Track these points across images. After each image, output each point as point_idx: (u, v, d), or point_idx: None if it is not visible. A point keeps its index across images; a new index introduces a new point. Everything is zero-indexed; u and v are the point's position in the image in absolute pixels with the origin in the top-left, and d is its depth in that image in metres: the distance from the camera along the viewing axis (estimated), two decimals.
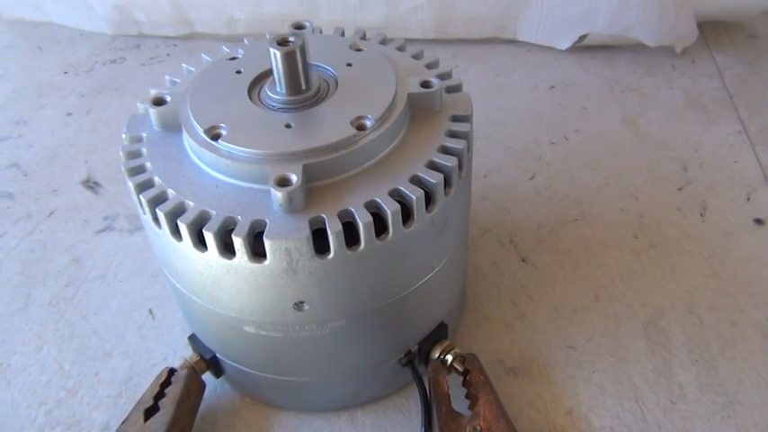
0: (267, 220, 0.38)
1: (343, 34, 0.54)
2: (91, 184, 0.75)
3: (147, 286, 0.63)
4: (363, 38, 0.52)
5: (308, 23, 0.51)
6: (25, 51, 1.01)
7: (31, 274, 0.65)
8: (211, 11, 0.95)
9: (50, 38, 1.04)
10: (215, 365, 0.52)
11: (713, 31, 0.94)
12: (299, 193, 0.38)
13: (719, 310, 0.58)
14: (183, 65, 0.51)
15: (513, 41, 0.94)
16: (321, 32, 0.54)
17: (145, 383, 0.53)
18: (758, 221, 0.65)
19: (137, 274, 0.64)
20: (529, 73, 0.89)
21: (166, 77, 0.50)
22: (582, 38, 0.89)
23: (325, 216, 0.38)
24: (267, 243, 0.38)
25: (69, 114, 0.87)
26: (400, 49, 0.51)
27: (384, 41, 0.52)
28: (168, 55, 0.98)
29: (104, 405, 0.54)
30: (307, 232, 0.37)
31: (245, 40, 0.52)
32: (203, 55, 0.52)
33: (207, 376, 0.52)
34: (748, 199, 0.68)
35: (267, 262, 0.39)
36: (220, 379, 0.53)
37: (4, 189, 0.75)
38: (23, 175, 0.77)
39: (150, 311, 0.60)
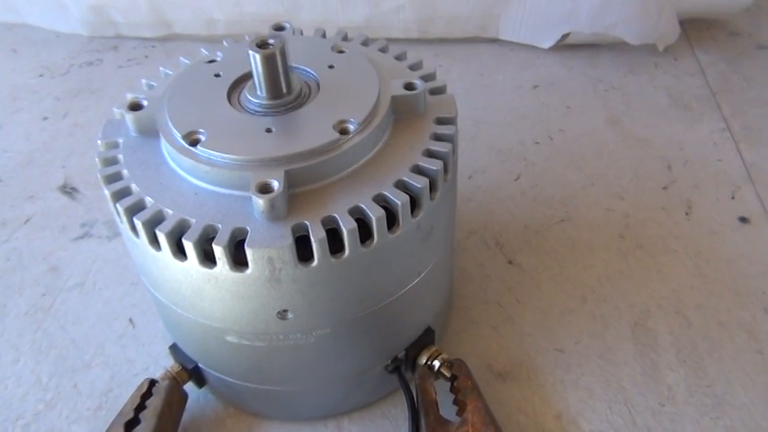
0: (248, 228, 0.37)
1: (324, 35, 0.53)
2: (68, 190, 0.73)
3: (127, 294, 0.61)
4: (345, 39, 0.52)
5: (287, 25, 0.50)
6: None
7: (6, 284, 0.63)
8: (190, 11, 0.93)
9: (25, 39, 1.02)
10: (197, 375, 0.50)
11: (695, 28, 0.94)
12: (281, 200, 0.37)
13: (706, 310, 0.57)
14: (161, 68, 0.49)
15: (495, 40, 0.93)
16: (302, 34, 0.53)
17: (126, 394, 0.52)
18: (743, 220, 0.65)
19: (116, 282, 0.62)
20: (512, 72, 0.88)
21: (143, 81, 0.48)
22: (564, 36, 0.89)
23: (308, 223, 0.37)
24: (249, 252, 0.37)
25: (45, 118, 0.85)
26: (383, 50, 0.50)
27: (366, 42, 0.51)
28: (146, 57, 0.96)
29: (84, 418, 0.52)
30: (289, 240, 0.36)
31: (225, 42, 0.51)
32: (181, 58, 0.50)
33: (189, 386, 0.50)
34: (733, 197, 0.68)
35: (249, 271, 0.38)
36: (203, 389, 0.52)
37: None
38: None
39: (130, 320, 0.59)
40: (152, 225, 0.38)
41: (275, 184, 0.37)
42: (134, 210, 0.39)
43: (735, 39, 0.93)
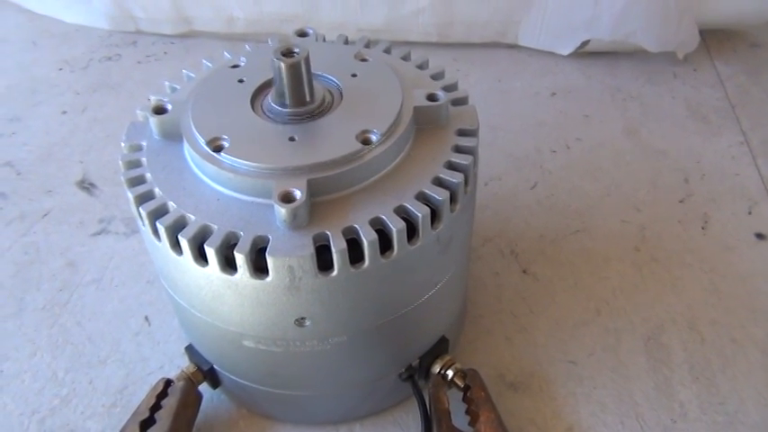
0: (270, 236, 0.37)
1: (346, 41, 0.53)
2: (86, 185, 0.74)
3: (144, 292, 0.62)
4: (368, 46, 0.52)
5: (311, 30, 0.50)
6: (20, 46, 1.00)
7: (24, 278, 0.64)
8: (210, 9, 0.94)
9: (45, 32, 1.02)
10: (212, 377, 0.51)
11: (715, 39, 0.94)
12: (303, 209, 0.37)
13: (720, 326, 0.57)
14: (184, 71, 0.50)
15: (514, 46, 0.93)
16: (324, 39, 0.53)
17: (140, 392, 0.52)
18: (759, 236, 0.65)
19: (133, 280, 0.63)
20: (530, 79, 0.88)
21: (166, 83, 0.49)
22: (584, 44, 0.89)
23: (329, 233, 0.37)
24: (270, 260, 0.37)
25: (64, 112, 0.85)
26: (405, 58, 0.51)
27: (389, 50, 0.51)
28: (165, 53, 0.97)
29: (98, 414, 0.53)
30: (310, 249, 0.37)
31: (247, 46, 0.51)
32: (204, 61, 0.51)
33: (203, 387, 0.51)
34: (750, 212, 0.68)
35: (269, 278, 0.38)
36: (217, 390, 0.53)
37: None
38: (17, 174, 0.76)
39: (146, 318, 0.60)
40: (174, 230, 0.38)
41: (298, 194, 0.37)
42: (157, 214, 0.39)
43: (755, 51, 0.93)
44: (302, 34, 0.50)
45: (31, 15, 1.05)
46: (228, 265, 0.38)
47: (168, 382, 0.49)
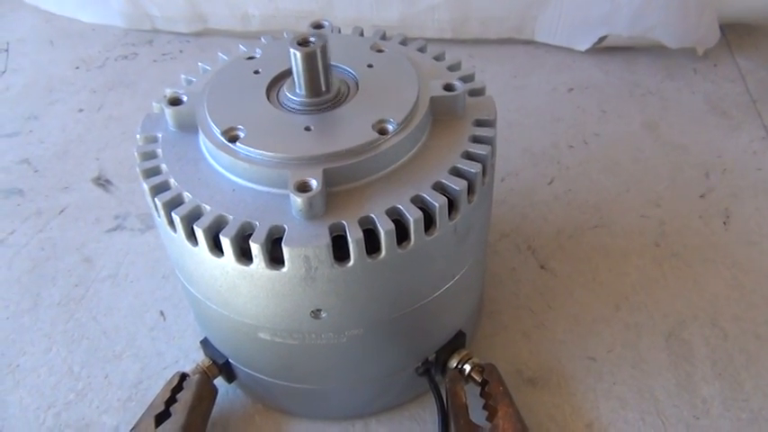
0: (286, 226, 0.37)
1: (362, 34, 0.52)
2: (102, 182, 0.74)
3: (159, 287, 0.62)
4: (383, 38, 0.51)
5: (326, 23, 0.50)
6: (37, 45, 1.00)
7: (40, 273, 0.64)
8: (226, 7, 0.94)
9: (62, 32, 1.03)
10: (227, 371, 0.51)
11: (736, 34, 0.92)
12: (318, 199, 0.37)
13: (744, 322, 0.56)
14: (200, 63, 0.50)
15: (530, 42, 0.92)
16: (340, 32, 0.53)
17: (155, 387, 0.52)
18: None
19: (148, 275, 0.63)
20: (547, 74, 0.87)
21: (182, 76, 0.49)
22: (602, 39, 0.88)
23: (345, 223, 0.37)
24: (286, 250, 0.36)
25: (81, 110, 0.86)
26: (421, 50, 0.50)
27: (404, 42, 0.51)
28: (181, 51, 0.97)
29: (114, 408, 0.53)
30: (326, 239, 0.36)
31: (263, 39, 0.51)
32: (220, 54, 0.50)
33: (219, 381, 0.51)
34: None
35: (285, 269, 0.37)
36: (232, 384, 0.53)
37: (14, 185, 0.74)
38: (34, 171, 0.76)
39: (161, 313, 0.59)
40: (190, 220, 0.38)
41: (313, 183, 0.37)
42: (172, 204, 0.39)
43: None
44: (318, 26, 0.50)
45: (48, 15, 1.06)
46: (244, 255, 0.38)
47: (183, 376, 0.49)
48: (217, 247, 0.38)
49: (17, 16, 1.07)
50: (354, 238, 0.36)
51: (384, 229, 0.37)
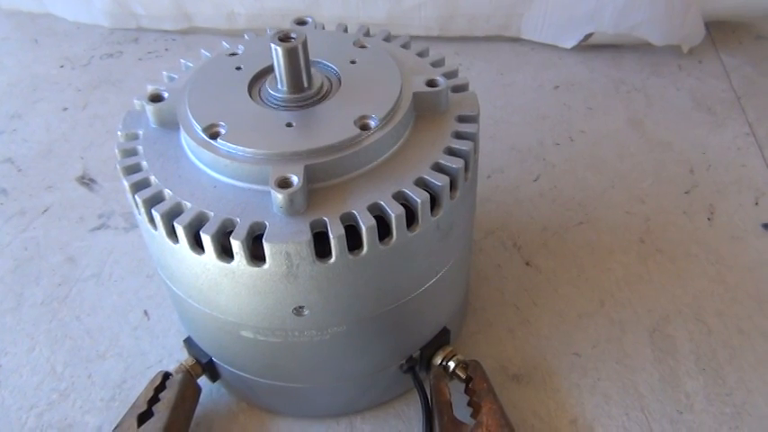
0: (267, 223, 0.37)
1: (346, 30, 0.52)
2: (86, 181, 0.74)
3: (143, 286, 0.61)
4: (367, 34, 0.51)
5: (309, 19, 0.50)
6: (21, 44, 0.99)
7: (23, 273, 0.63)
8: (211, 5, 0.93)
9: (47, 30, 1.02)
10: (211, 369, 0.50)
11: (720, 31, 0.93)
12: (300, 195, 0.37)
13: (727, 317, 0.56)
14: (182, 60, 0.49)
15: (516, 40, 0.92)
16: (324, 28, 0.52)
17: (139, 386, 0.52)
18: (766, 227, 0.64)
19: (132, 274, 0.63)
20: (533, 72, 0.87)
21: (164, 73, 0.48)
22: (587, 36, 0.88)
23: (326, 219, 0.37)
24: (267, 246, 0.36)
25: (65, 109, 0.85)
26: (405, 46, 0.50)
27: (388, 38, 0.51)
28: (166, 50, 0.96)
29: (97, 409, 0.52)
30: (308, 236, 0.36)
31: (246, 36, 0.51)
32: (202, 50, 0.50)
33: (203, 380, 0.50)
34: (756, 203, 0.67)
35: (266, 266, 0.37)
36: (216, 383, 0.52)
37: None
38: (17, 170, 0.76)
39: (145, 312, 0.59)
40: (170, 217, 0.38)
41: (295, 179, 0.37)
42: (152, 202, 0.39)
43: (761, 42, 0.92)
44: (301, 23, 0.49)
45: (33, 14, 1.05)
46: (225, 252, 0.38)
47: (167, 375, 0.49)
48: (198, 245, 0.38)
49: (2, 13, 1.06)
50: (336, 235, 0.36)
51: (366, 225, 0.37)
